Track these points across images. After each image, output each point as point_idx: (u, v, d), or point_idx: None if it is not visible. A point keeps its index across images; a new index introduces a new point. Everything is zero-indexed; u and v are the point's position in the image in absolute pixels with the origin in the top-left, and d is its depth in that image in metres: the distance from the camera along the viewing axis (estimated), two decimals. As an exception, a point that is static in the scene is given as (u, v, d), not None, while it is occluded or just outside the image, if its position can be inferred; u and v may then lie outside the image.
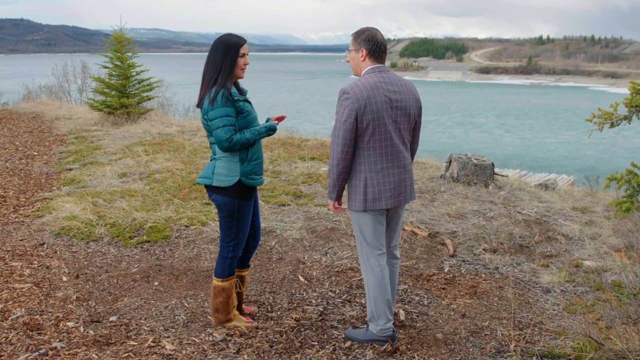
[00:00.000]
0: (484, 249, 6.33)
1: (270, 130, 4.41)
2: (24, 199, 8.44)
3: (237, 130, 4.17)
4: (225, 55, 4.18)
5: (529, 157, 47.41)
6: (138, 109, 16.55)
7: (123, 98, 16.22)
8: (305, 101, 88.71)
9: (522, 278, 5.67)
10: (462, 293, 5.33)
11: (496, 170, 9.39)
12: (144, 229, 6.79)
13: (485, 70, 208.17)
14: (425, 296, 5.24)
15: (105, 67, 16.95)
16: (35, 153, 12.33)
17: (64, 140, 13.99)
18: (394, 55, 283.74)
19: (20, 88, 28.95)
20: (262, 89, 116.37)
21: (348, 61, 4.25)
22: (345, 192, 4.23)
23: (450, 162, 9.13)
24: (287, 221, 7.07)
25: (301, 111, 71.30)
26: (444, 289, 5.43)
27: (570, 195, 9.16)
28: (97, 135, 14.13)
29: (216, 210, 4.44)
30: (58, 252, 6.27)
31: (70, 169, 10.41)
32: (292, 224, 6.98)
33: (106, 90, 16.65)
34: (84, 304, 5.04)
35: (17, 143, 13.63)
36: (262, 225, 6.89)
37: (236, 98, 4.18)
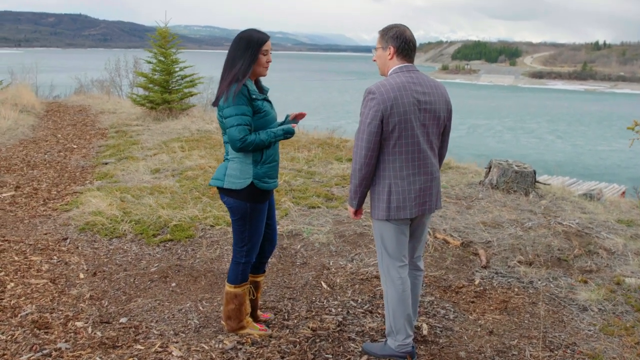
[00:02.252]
0: (519, 261, 6.01)
1: (288, 134, 4.18)
2: (55, 192, 8.40)
3: (253, 131, 3.96)
4: (246, 52, 3.97)
5: (581, 165, 46.43)
6: (180, 105, 16.54)
7: (165, 93, 16.22)
8: (355, 101, 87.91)
9: (557, 294, 5.34)
10: (491, 308, 5.03)
11: (543, 179, 8.99)
12: (168, 227, 6.65)
13: (538, 75, 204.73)
14: (452, 310, 4.95)
15: (149, 63, 16.99)
16: (75, 146, 12.37)
17: (105, 134, 14.03)
18: (446, 57, 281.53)
19: (73, 82, 29.40)
20: (311, 88, 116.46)
21: (375, 60, 4.00)
22: (367, 199, 3.98)
23: (490, 168, 8.78)
24: (315, 224, 6.84)
25: (350, 112, 70.88)
26: (472, 302, 5.13)
27: (617, 206, 8.72)
28: (137, 130, 14.13)
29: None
30: (80, 248, 6.16)
31: (105, 163, 10.37)
32: (320, 227, 6.75)
33: (149, 85, 16.69)
34: (97, 303, 4.89)
35: (59, 136, 13.71)
36: (289, 227, 6.68)
37: (254, 96, 3.97)
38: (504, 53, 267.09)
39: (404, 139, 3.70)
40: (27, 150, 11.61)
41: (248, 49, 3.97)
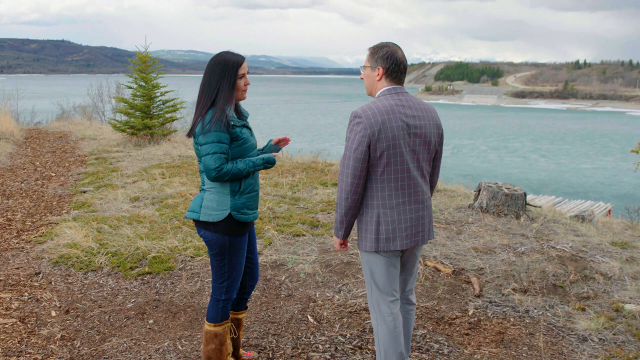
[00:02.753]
0: (513, 289, 5.76)
1: (268, 164, 3.93)
2: (30, 223, 8.08)
3: (230, 159, 3.70)
4: (223, 78, 3.71)
5: (565, 183, 46.59)
6: (162, 130, 16.27)
7: (146, 119, 15.95)
8: (339, 124, 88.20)
9: (555, 323, 5.09)
10: (487, 340, 4.76)
11: (529, 199, 8.78)
12: (146, 259, 6.35)
13: (520, 95, 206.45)
14: (446, 343, 4.68)
15: (130, 88, 16.74)
16: (53, 174, 12.05)
17: (85, 161, 13.73)
18: (429, 78, 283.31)
19: (55, 108, 29.10)
20: (296, 111, 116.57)
21: (362, 78, 3.76)
22: (355, 229, 3.72)
23: (480, 191, 8.57)
24: (300, 253, 6.57)
25: (334, 134, 70.94)
26: (467, 334, 4.87)
27: (609, 228, 8.52)
28: (117, 156, 13.83)
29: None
30: (53, 283, 5.85)
31: (84, 192, 10.06)
32: (306, 256, 6.48)
33: (130, 110, 16.41)
34: (68, 344, 4.59)
35: (37, 163, 13.39)
36: (273, 257, 6.41)
37: (232, 123, 3.71)
38: (486, 73, 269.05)
39: (393, 166, 3.46)
40: (3, 179, 11.28)
41: (225, 75, 3.72)
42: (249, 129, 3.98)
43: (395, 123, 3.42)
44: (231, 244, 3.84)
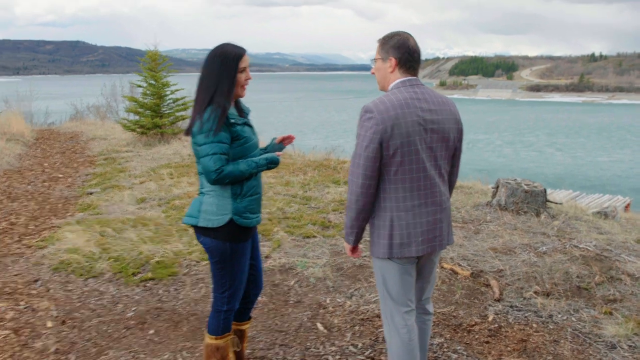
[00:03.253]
0: (535, 292, 5.43)
1: (272, 164, 3.65)
2: (32, 227, 7.83)
3: (231, 160, 3.41)
4: (222, 72, 3.42)
5: (581, 177, 46.08)
6: (172, 129, 16.02)
7: (156, 118, 15.70)
8: (353, 120, 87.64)
9: (581, 329, 4.76)
10: (509, 349, 4.44)
11: (549, 195, 8.43)
12: (150, 264, 6.08)
13: (536, 88, 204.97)
14: (465, 353, 4.37)
15: (139, 86, 16.51)
16: (61, 175, 11.83)
17: (93, 161, 13.50)
18: (443, 73, 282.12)
19: (69, 108, 28.99)
20: (310, 108, 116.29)
21: (373, 73, 3.45)
22: (366, 234, 3.42)
23: (498, 187, 8.22)
24: (310, 256, 6.27)
25: (348, 130, 70.51)
26: (487, 342, 4.55)
27: (634, 224, 8.16)
28: (126, 156, 13.60)
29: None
30: (51, 291, 5.59)
31: (90, 193, 9.83)
32: (316, 259, 6.18)
33: (140, 109, 16.18)
34: (62, 358, 4.31)
35: (46, 164, 13.19)
36: (282, 261, 6.12)
37: (233, 121, 3.42)
38: (500, 67, 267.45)
39: (408, 165, 3.15)
40: (10, 181, 11.06)
41: (224, 68, 3.43)
42: (251, 126, 3.70)
43: (410, 118, 3.12)
44: (233, 250, 3.56)
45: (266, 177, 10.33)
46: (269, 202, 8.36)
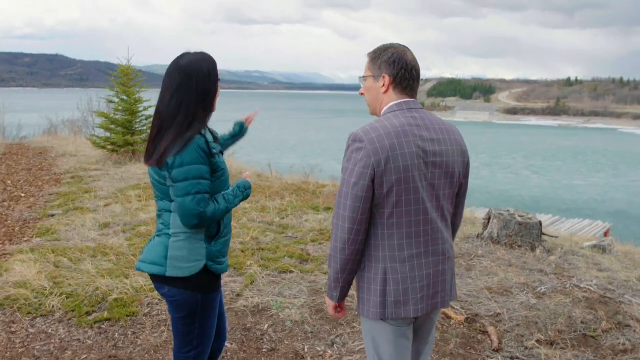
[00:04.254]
0: (537, 341, 4.85)
1: (248, 191, 3.09)
2: (-18, 254, 7.14)
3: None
4: (208, 84, 2.87)
5: (558, 200, 46.15)
6: (144, 147, 15.35)
7: (128, 135, 15.02)
8: (331, 139, 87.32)
9: (593, 388, 4.20)
10: (514, 413, 3.87)
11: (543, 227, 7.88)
12: (107, 301, 5.42)
13: (512, 111, 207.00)
14: (465, 419, 3.78)
15: (111, 102, 15.84)
16: (23, 195, 11.10)
17: (60, 180, 12.77)
18: (422, 94, 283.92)
19: (44, 122, 28.24)
20: (288, 126, 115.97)
21: (362, 93, 2.87)
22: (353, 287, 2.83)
23: (490, 219, 7.66)
24: (287, 295, 5.65)
25: (327, 149, 70.01)
26: (489, 405, 3.97)
27: (632, 260, 7.65)
28: (94, 175, 12.90)
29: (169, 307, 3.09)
30: (-8, 333, 4.92)
31: (52, 215, 9.13)
32: (293, 299, 5.55)
33: (111, 126, 15.49)
34: (-8, 422, 3.67)
35: (9, 182, 12.43)
36: (255, 300, 5.48)
37: (214, 151, 2.87)
38: (478, 90, 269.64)
39: (405, 206, 2.57)
40: (-33, 201, 10.34)
41: (209, 80, 2.87)
42: (222, 152, 3.13)
43: (409, 149, 2.54)
44: (204, 302, 2.99)
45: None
46: (243, 231, 7.73)
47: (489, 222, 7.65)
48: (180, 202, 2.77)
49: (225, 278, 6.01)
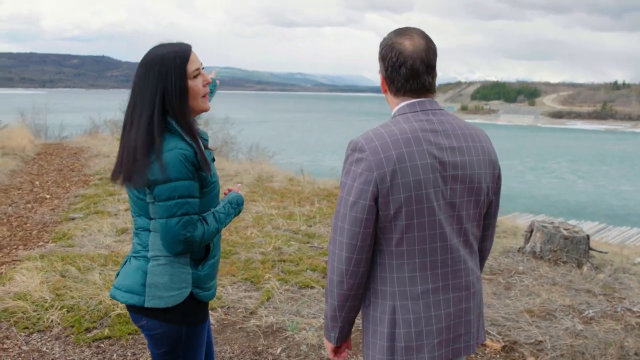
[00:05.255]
0: (584, 374, 4.28)
1: (240, 206, 2.64)
2: (-8, 260, 6.81)
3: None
4: (166, 80, 2.39)
5: (604, 205, 45.08)
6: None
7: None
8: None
9: None
10: None
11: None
12: (109, 316, 5.00)
13: (558, 115, 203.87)
14: None
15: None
16: (48, 196, 10.83)
17: (88, 181, 12.49)
18: (465, 97, 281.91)
19: (87, 122, 28.44)
20: (330, 128, 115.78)
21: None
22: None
23: (532, 232, 7.04)
24: (304, 314, 5.14)
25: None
26: None
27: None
28: (122, 177, 12.58)
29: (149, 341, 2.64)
30: (-17, 349, 4.53)
31: (72, 218, 8.80)
32: (312, 318, 5.04)
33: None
34: None
35: (37, 183, 12.20)
36: (269, 319, 5.00)
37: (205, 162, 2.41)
38: (522, 93, 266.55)
39: (418, 231, 2.07)
40: (-9, 202, 10.09)
41: (166, 78, 2.39)
42: (214, 160, 2.67)
43: (421, 160, 2.03)
44: (189, 336, 2.53)
45: (269, 207, 9.26)
46: (265, 240, 7.25)
47: (531, 234, 7.03)
48: (163, 225, 2.32)
49: (239, 293, 5.55)
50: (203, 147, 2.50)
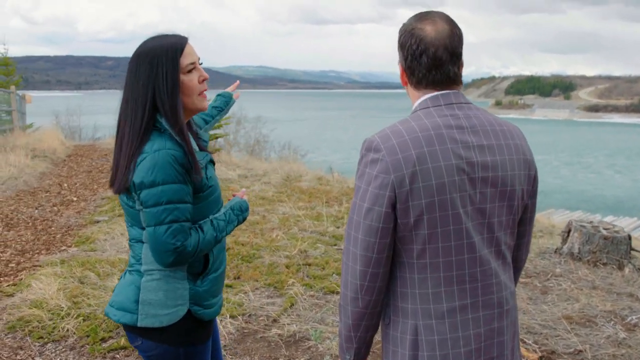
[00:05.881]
0: (629, 387, 3.97)
1: (245, 213, 2.40)
2: (14, 265, 6.68)
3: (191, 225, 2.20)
4: (157, 73, 2.16)
5: (643, 201, 44.01)
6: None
7: (187, 136, 14.63)
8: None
9: None
10: None
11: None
12: (126, 325, 4.81)
13: (594, 109, 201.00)
14: None
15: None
16: (75, 199, 10.74)
17: (115, 182, 12.41)
18: (499, 92, 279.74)
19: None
20: (364, 126, 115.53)
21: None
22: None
23: (570, 232, 6.70)
24: (329, 322, 4.89)
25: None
26: None
27: None
28: (149, 178, 12.48)
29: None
30: (-5, 360, 4.37)
31: (98, 221, 8.68)
32: (336, 327, 4.79)
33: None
34: None
35: (65, 185, 12.15)
36: (291, 328, 4.76)
37: (200, 164, 2.21)
38: (557, 87, 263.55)
39: (442, 241, 1.81)
40: (18, 205, 10.00)
41: (157, 71, 2.17)
42: (213, 162, 2.43)
43: (445, 161, 1.78)
44: (189, 356, 2.31)
45: (296, 208, 9.03)
46: (291, 243, 7.02)
47: (568, 235, 6.69)
48: (151, 234, 2.10)
49: (262, 299, 5.32)
50: (198, 149, 2.28)
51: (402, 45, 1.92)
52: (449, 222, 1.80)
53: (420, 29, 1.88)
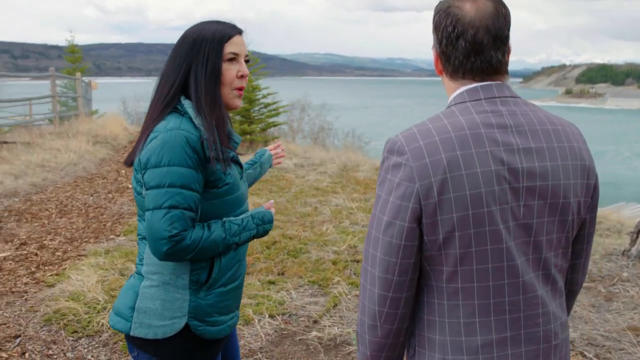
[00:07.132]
0: (701, 411, 3.58)
1: (267, 225, 2.14)
2: (60, 253, 6.62)
3: (197, 220, 1.98)
4: (194, 57, 2.01)
5: None
6: (261, 137, 14.79)
7: (245, 124, 14.48)
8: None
9: None
10: None
11: None
12: (162, 322, 4.64)
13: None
14: None
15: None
16: (130, 185, 10.73)
17: (173, 169, 12.39)
18: (569, 81, 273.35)
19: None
20: (430, 112, 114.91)
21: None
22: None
23: (638, 232, 6.22)
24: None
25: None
26: None
27: None
28: (206, 165, 12.42)
29: None
30: (27, 355, 4.25)
31: (149, 209, 8.60)
32: (380, 330, 4.54)
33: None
34: None
35: (123, 172, 12.19)
36: (333, 330, 4.49)
37: (212, 153, 1.97)
38: (631, 75, 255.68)
39: (477, 263, 1.51)
40: (74, 191, 10.04)
41: (198, 54, 2.00)
42: (240, 166, 2.18)
43: (482, 166, 1.47)
44: None
45: (349, 199, 8.75)
46: (340, 237, 6.75)
47: (637, 235, 6.21)
48: (148, 219, 1.88)
49: (304, 298, 5.08)
50: (221, 145, 2.02)
51: (437, 27, 1.62)
52: (486, 241, 1.49)
53: (457, 7, 1.57)
